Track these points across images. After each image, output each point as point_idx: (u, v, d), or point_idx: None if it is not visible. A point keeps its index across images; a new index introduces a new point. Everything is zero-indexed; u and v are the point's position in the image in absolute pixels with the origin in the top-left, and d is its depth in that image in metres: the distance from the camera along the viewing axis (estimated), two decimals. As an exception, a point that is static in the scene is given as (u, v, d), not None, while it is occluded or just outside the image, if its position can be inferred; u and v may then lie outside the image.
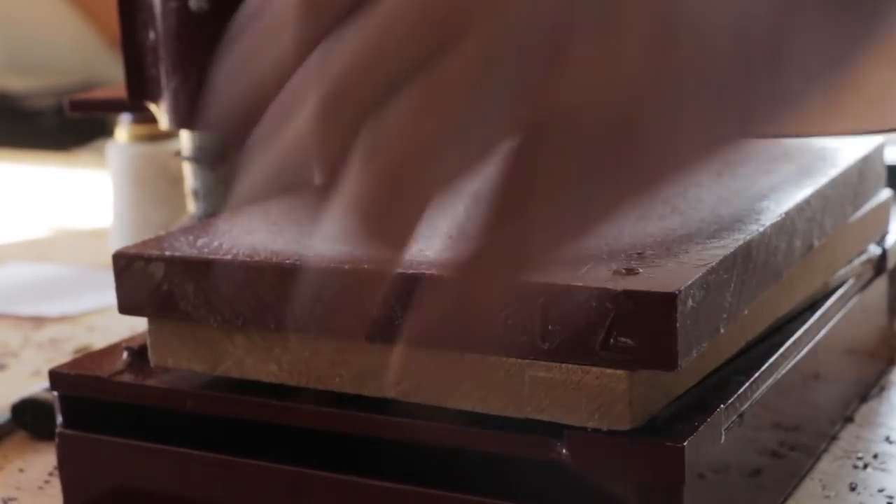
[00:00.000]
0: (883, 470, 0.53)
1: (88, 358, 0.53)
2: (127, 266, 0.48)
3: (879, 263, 0.62)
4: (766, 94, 0.30)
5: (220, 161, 0.65)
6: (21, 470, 0.57)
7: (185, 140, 0.66)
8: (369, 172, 0.26)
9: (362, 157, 0.26)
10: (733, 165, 0.58)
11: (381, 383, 0.44)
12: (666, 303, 0.39)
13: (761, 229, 0.46)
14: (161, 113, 0.64)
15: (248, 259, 0.46)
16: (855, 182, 0.57)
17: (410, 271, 0.43)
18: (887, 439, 0.56)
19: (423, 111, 0.26)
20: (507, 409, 0.42)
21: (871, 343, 0.63)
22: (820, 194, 0.52)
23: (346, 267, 0.43)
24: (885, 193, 0.63)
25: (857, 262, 0.59)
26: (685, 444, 0.40)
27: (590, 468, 0.41)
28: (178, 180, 0.74)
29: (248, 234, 0.50)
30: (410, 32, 0.26)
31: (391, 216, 0.27)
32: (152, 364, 0.49)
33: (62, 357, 0.72)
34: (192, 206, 0.67)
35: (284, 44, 0.27)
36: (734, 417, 0.44)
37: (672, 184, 0.29)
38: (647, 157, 0.28)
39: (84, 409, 0.51)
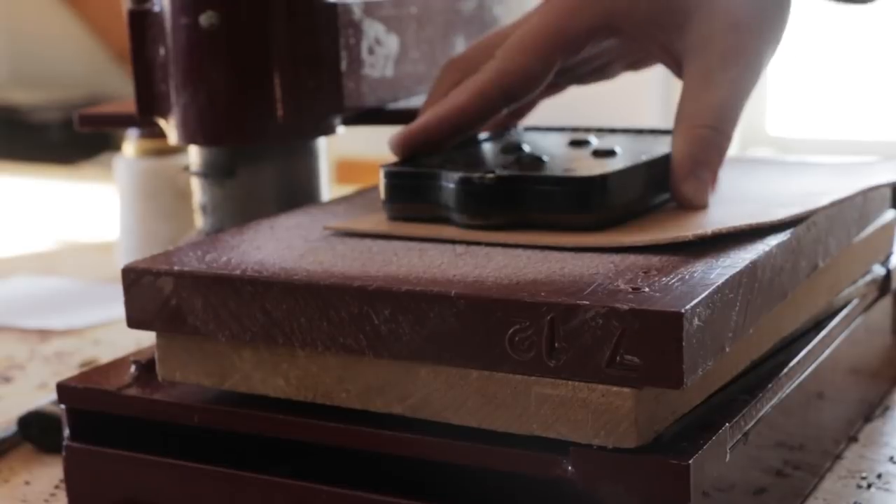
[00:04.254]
0: (887, 490, 0.53)
1: (96, 371, 0.53)
2: (136, 280, 0.48)
3: (884, 284, 0.62)
4: None
5: (228, 176, 0.65)
6: (27, 483, 0.58)
7: (194, 155, 0.67)
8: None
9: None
10: (740, 181, 0.58)
11: (388, 399, 0.45)
12: (672, 321, 0.39)
13: (767, 249, 0.46)
14: (170, 128, 0.64)
15: (256, 274, 0.46)
16: (860, 203, 0.57)
17: (418, 288, 0.43)
18: (891, 459, 0.56)
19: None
20: (513, 425, 0.42)
21: (876, 363, 0.64)
22: (825, 215, 0.52)
23: (355, 284, 0.44)
24: (890, 214, 0.63)
25: (861, 282, 0.59)
26: (690, 462, 0.40)
27: (595, 486, 0.41)
28: (185, 195, 0.74)
29: (257, 250, 0.50)
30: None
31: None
32: (160, 378, 0.49)
33: (68, 370, 0.72)
34: (199, 221, 0.67)
35: (444, 86, 0.61)
36: (739, 436, 0.44)
37: None
38: None
39: (91, 422, 0.51)
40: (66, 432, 0.52)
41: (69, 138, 2.83)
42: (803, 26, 2.42)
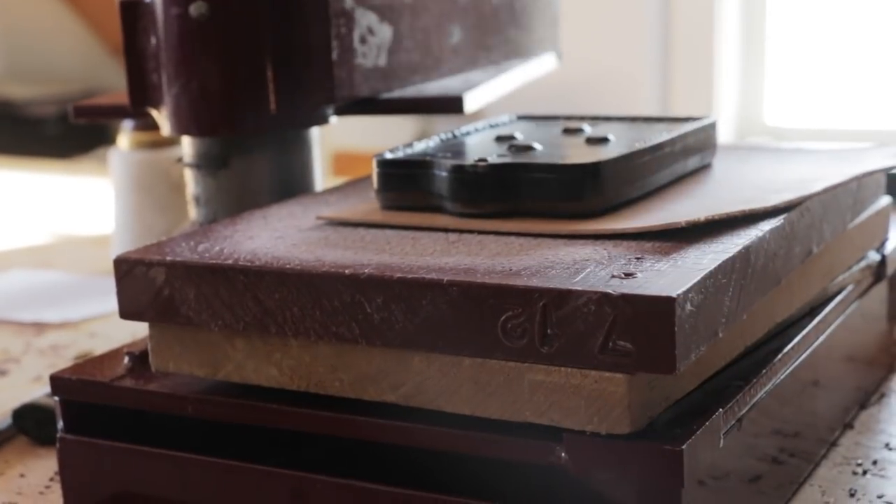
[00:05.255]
0: (882, 476, 0.53)
1: (90, 363, 0.53)
2: (128, 271, 0.48)
3: (879, 270, 0.62)
4: None
5: (221, 167, 0.65)
6: (22, 475, 0.58)
7: (187, 146, 0.66)
8: None
9: None
10: (735, 168, 0.58)
11: (381, 387, 0.45)
12: (664, 307, 0.39)
13: (760, 235, 0.46)
14: (163, 119, 0.64)
15: (248, 264, 0.46)
16: (854, 188, 0.57)
17: (410, 276, 0.43)
18: (887, 446, 0.56)
19: None
20: (507, 412, 0.42)
21: (871, 350, 0.63)
22: (819, 200, 0.52)
23: (347, 272, 0.44)
24: (885, 200, 0.63)
25: (856, 268, 0.59)
26: (683, 447, 0.40)
27: (589, 472, 0.41)
28: (179, 187, 0.74)
29: (249, 240, 0.50)
30: None
31: None
32: (153, 369, 0.49)
33: (63, 363, 0.72)
34: (193, 213, 0.67)
35: None
36: (733, 422, 0.44)
37: None
38: None
39: (85, 414, 0.51)
40: (61, 424, 0.52)
41: (65, 133, 2.83)
42: (800, 17, 2.42)
